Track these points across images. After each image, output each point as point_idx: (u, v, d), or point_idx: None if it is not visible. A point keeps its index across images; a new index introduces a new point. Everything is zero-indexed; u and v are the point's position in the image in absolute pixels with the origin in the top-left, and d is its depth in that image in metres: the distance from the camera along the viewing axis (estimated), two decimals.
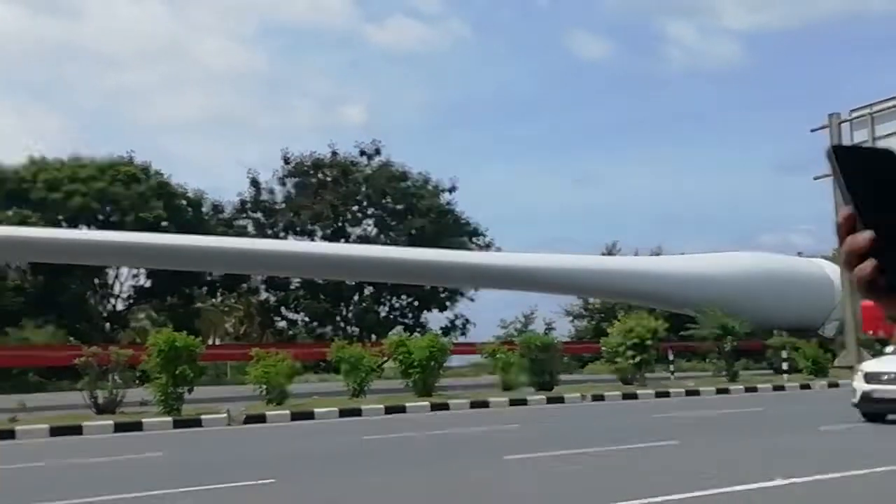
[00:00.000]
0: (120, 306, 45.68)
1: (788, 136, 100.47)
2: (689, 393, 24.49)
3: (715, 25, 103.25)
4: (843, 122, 34.86)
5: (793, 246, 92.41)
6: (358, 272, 35.90)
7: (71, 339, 30.97)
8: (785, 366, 29.73)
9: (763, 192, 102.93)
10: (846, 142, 34.61)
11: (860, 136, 34.38)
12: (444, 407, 21.09)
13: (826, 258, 41.48)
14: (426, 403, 21.19)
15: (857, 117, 34.59)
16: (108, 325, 44.28)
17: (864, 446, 12.01)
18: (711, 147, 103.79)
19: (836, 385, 26.97)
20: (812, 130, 36.07)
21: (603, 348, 28.28)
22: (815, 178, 36.12)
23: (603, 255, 52.00)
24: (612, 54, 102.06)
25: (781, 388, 26.20)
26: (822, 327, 32.94)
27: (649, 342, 26.45)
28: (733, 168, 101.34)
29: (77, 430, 17.23)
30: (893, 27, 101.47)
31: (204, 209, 46.83)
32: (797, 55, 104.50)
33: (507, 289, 41.20)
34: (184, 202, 44.62)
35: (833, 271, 39.18)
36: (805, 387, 26.59)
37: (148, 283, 44.96)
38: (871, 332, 35.22)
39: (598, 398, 23.15)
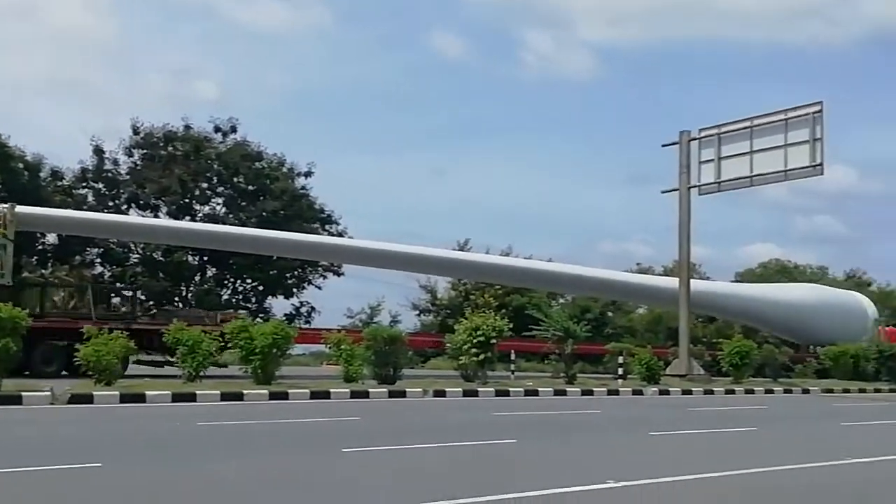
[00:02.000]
0: None
1: (639, 149, 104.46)
2: (528, 393, 24.92)
3: (571, 37, 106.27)
4: (693, 139, 36.44)
5: (631, 255, 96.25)
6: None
7: None
8: (620, 371, 30.73)
9: (608, 202, 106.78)
10: (693, 159, 36.27)
11: (707, 155, 36.12)
12: (284, 396, 20.60)
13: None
14: (265, 392, 20.64)
15: (706, 136, 36.29)
16: None
17: (694, 452, 12.44)
18: (562, 154, 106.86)
19: (666, 392, 28.10)
20: (663, 146, 37.51)
21: (448, 344, 28.39)
22: (663, 192, 37.62)
23: (454, 251, 52.53)
24: (472, 56, 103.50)
25: (616, 392, 27.03)
26: None
27: (494, 341, 26.76)
28: (582, 176, 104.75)
29: None
30: (744, 55, 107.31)
31: (42, 175, 44.33)
32: (651, 72, 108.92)
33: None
34: (20, 165, 42.04)
35: (866, 302, 47.89)
36: (637, 392, 27.53)
37: None
38: None
39: (440, 394, 23.24)
